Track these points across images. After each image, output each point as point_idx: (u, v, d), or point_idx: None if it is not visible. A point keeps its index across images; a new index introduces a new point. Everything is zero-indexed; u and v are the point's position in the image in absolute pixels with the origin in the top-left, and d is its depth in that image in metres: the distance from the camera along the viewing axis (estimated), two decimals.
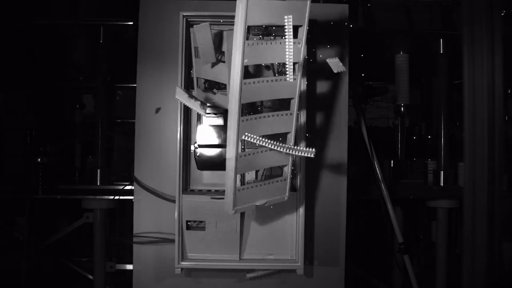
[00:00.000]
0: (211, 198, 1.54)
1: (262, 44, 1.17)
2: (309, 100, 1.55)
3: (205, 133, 1.55)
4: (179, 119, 1.51)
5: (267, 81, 1.21)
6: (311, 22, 1.61)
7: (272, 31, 1.62)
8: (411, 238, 2.47)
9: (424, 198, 2.22)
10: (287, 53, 1.15)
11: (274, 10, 1.12)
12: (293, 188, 1.50)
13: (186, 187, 1.59)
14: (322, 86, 1.65)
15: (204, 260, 1.54)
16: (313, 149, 1.19)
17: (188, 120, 1.63)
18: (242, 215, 1.56)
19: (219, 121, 1.55)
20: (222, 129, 1.54)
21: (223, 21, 1.57)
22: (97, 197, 1.97)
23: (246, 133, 1.18)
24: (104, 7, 2.21)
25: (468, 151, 1.82)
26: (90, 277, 2.18)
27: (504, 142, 1.85)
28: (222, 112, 1.55)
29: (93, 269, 2.03)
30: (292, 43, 1.13)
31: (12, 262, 2.04)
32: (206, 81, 1.64)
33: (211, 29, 1.35)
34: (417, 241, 2.76)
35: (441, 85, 2.24)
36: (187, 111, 1.61)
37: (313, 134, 1.62)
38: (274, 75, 1.47)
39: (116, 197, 1.92)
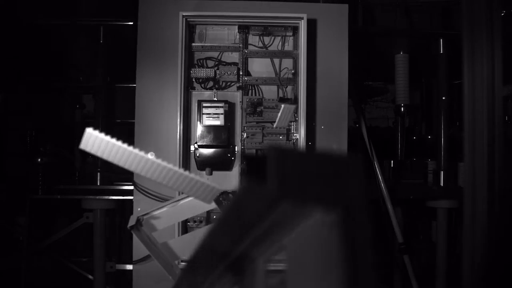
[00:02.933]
0: None
1: None
2: (309, 99, 1.55)
3: (205, 133, 1.55)
4: (178, 120, 1.51)
5: None
6: (312, 22, 1.61)
7: (272, 31, 1.62)
8: (411, 238, 2.47)
9: (424, 198, 2.22)
10: None
11: None
12: None
13: None
14: (321, 86, 1.65)
15: None
16: None
17: (188, 120, 1.63)
18: None
19: (219, 122, 1.55)
20: (221, 130, 1.54)
21: (222, 21, 1.57)
22: (97, 197, 1.97)
23: None
24: (104, 7, 2.21)
25: (468, 151, 1.82)
26: (90, 277, 2.17)
27: (504, 142, 1.85)
28: (222, 112, 1.55)
29: (93, 269, 2.03)
30: None
31: (12, 262, 2.04)
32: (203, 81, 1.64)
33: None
34: (417, 241, 2.76)
35: (441, 85, 2.24)
36: (187, 111, 1.61)
37: (313, 133, 1.62)
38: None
39: (116, 198, 1.93)
